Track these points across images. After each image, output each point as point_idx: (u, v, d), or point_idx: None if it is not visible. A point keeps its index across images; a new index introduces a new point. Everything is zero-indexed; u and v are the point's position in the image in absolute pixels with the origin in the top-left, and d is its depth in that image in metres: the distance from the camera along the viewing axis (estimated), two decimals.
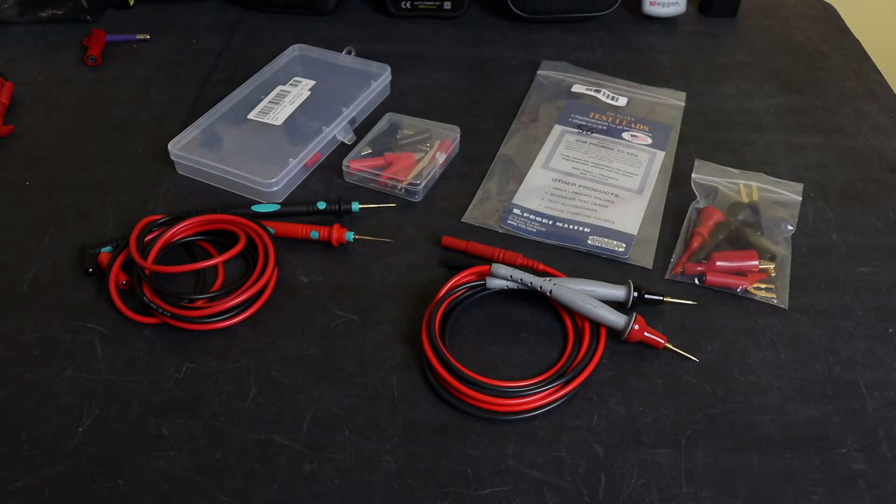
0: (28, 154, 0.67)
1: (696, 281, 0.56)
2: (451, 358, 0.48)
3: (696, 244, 0.57)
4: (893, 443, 0.46)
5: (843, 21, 0.90)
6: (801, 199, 0.60)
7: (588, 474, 0.44)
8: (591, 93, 0.75)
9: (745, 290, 0.55)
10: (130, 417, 0.47)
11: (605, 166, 0.66)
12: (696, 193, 0.61)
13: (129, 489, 0.43)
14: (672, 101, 0.74)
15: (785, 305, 0.54)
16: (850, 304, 0.55)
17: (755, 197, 0.61)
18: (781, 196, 0.61)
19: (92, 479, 0.44)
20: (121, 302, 0.53)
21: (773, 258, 0.56)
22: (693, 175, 0.62)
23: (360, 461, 0.45)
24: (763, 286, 0.55)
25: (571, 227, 0.60)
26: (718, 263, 0.56)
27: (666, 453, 0.45)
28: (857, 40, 0.86)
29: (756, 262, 0.56)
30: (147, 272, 0.53)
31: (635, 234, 0.59)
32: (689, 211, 0.60)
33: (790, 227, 0.58)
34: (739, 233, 0.58)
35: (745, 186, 0.62)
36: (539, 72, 0.78)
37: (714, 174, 0.62)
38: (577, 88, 0.75)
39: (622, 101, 0.74)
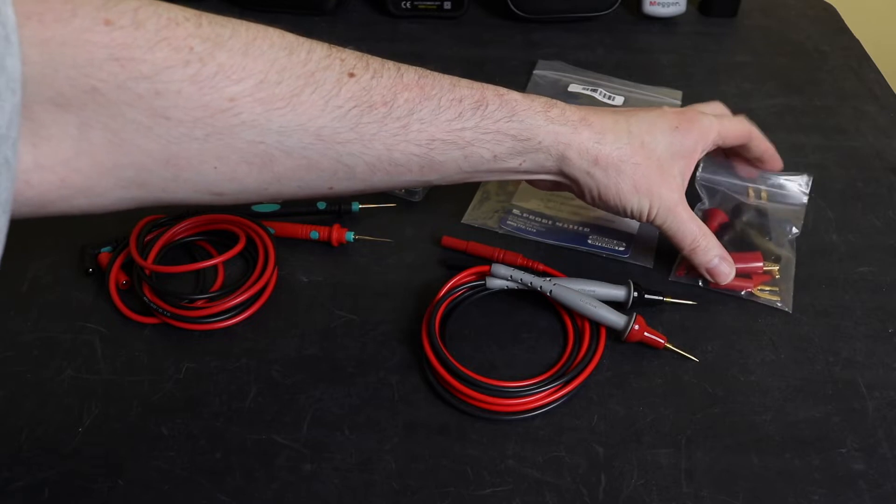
0: None
1: (700, 283, 0.55)
2: (451, 358, 0.48)
3: None
4: (893, 443, 0.46)
5: (843, 21, 0.90)
6: (806, 200, 0.60)
7: (588, 474, 0.44)
8: (588, 92, 0.75)
9: (750, 293, 0.55)
10: (130, 417, 0.47)
11: None
12: (701, 195, 0.60)
13: (129, 489, 0.43)
14: (668, 101, 0.74)
15: (789, 308, 0.54)
16: (850, 304, 0.55)
17: (763, 198, 0.60)
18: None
19: (92, 479, 0.44)
20: (121, 302, 0.53)
21: (777, 260, 0.56)
22: (698, 174, 0.61)
23: (360, 461, 0.45)
24: (767, 289, 0.55)
25: (571, 226, 0.60)
26: None
27: (666, 453, 0.45)
28: (857, 40, 0.86)
29: (760, 265, 0.55)
30: (147, 272, 0.53)
31: (635, 233, 0.59)
32: (694, 212, 0.60)
33: (795, 230, 0.58)
34: (744, 234, 0.58)
35: (754, 189, 0.61)
36: (535, 71, 0.78)
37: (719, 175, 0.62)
38: (573, 88, 0.75)
39: (619, 101, 0.74)
